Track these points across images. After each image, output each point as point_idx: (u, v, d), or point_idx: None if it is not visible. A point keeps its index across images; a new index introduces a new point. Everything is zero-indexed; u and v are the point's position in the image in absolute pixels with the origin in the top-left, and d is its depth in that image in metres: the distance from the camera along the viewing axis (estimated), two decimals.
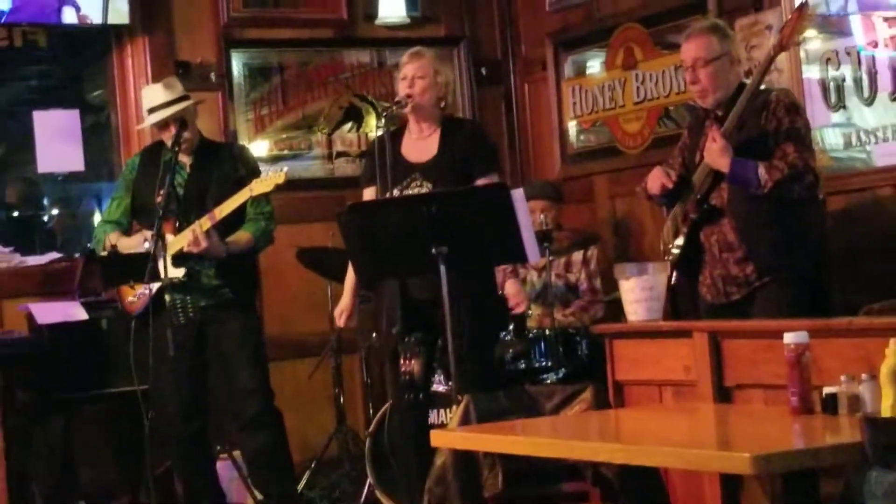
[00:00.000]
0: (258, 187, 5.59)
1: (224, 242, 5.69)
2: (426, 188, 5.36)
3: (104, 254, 5.82)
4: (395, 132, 5.49)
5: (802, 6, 5.13)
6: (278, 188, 5.59)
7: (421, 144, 5.51)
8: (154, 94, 5.89)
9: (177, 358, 5.58)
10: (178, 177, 5.79)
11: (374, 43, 7.65)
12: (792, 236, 4.94)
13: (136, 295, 5.71)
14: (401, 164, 5.36)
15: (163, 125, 5.77)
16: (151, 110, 5.82)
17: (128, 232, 5.91)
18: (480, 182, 5.31)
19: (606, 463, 4.01)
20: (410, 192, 5.35)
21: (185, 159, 5.81)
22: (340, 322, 5.78)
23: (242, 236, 5.77)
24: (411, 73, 5.49)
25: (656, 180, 5.14)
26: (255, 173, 5.77)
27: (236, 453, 6.30)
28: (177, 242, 5.64)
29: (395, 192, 5.26)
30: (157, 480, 6.06)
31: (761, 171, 4.82)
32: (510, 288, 6.34)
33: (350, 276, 5.67)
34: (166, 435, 5.83)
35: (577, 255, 6.49)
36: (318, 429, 6.98)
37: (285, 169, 5.64)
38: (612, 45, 7.19)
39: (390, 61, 7.44)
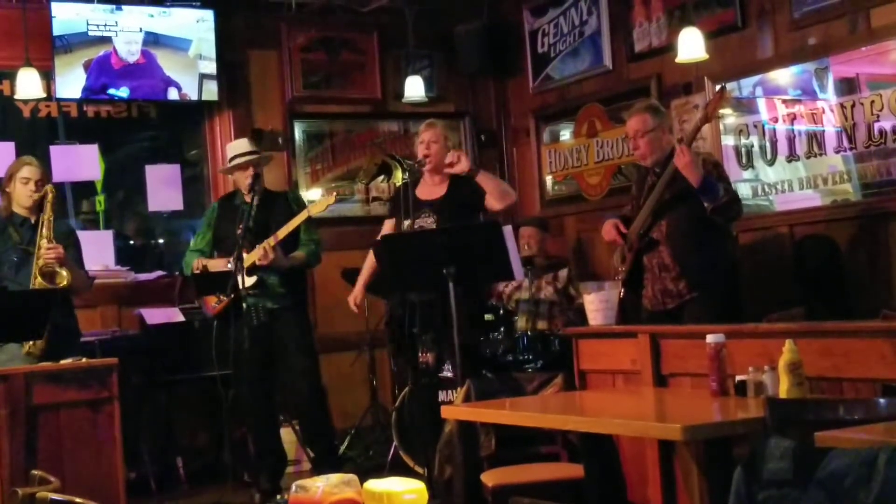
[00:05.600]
0: (314, 208, 5.62)
1: (286, 256, 5.70)
2: (432, 218, 5.42)
3: (197, 272, 5.82)
4: (415, 181, 5.52)
5: (721, 89, 5.16)
6: (327, 207, 5.59)
7: (431, 189, 5.58)
8: (241, 145, 5.92)
9: (252, 350, 5.58)
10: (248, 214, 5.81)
11: (400, 116, 7.67)
12: (714, 261, 4.94)
13: (217, 302, 5.71)
14: (415, 202, 5.40)
15: (244, 166, 5.77)
16: (236, 157, 5.83)
17: (210, 258, 5.90)
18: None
19: (573, 431, 4.00)
20: (420, 221, 5.42)
21: (254, 201, 5.82)
22: (353, 307, 5.83)
23: (299, 254, 5.78)
24: (427, 139, 5.52)
25: (609, 235, 5.17)
26: (304, 208, 5.78)
27: (295, 421, 6.29)
28: (250, 258, 5.64)
29: (408, 222, 5.33)
30: (234, 442, 6.06)
31: (720, 186, 4.81)
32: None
33: (363, 276, 5.77)
34: (244, 407, 5.81)
35: (563, 272, 6.49)
36: (357, 405, 6.97)
37: (335, 193, 5.67)
38: (578, 119, 7.21)
39: (413, 130, 7.46)
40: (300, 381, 5.79)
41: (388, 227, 5.70)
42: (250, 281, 5.64)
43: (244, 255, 5.64)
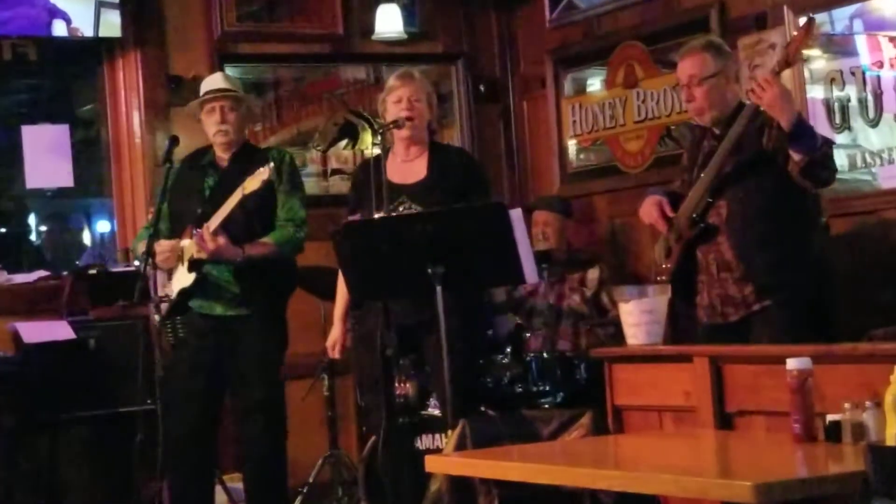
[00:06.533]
0: (249, 185, 5.51)
1: (239, 246, 5.63)
2: (414, 210, 5.36)
3: (92, 272, 5.79)
4: (378, 155, 5.45)
5: (810, 21, 5.09)
6: (265, 183, 5.52)
7: (406, 167, 5.52)
8: (214, 80, 5.93)
9: (192, 375, 5.57)
10: (209, 179, 5.77)
11: (370, 58, 7.66)
12: (791, 257, 4.92)
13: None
14: (386, 187, 5.33)
15: (211, 99, 5.75)
16: (206, 94, 5.82)
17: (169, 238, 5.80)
18: None
19: (605, 490, 3.99)
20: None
21: (222, 161, 5.79)
22: (335, 354, 5.75)
23: (265, 241, 5.70)
24: (407, 96, 5.50)
25: (649, 216, 5.13)
26: (290, 179, 5.76)
27: (227, 477, 6.27)
28: (190, 247, 5.60)
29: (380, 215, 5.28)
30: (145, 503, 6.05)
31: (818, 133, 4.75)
32: None
33: (339, 305, 5.68)
34: (165, 456, 5.75)
35: (593, 273, 6.48)
36: (311, 452, 6.94)
37: (271, 164, 5.57)
38: (612, 63, 7.20)
39: (387, 77, 7.43)
40: (255, 417, 5.75)
41: None
42: (189, 279, 5.58)
43: (186, 241, 5.59)
